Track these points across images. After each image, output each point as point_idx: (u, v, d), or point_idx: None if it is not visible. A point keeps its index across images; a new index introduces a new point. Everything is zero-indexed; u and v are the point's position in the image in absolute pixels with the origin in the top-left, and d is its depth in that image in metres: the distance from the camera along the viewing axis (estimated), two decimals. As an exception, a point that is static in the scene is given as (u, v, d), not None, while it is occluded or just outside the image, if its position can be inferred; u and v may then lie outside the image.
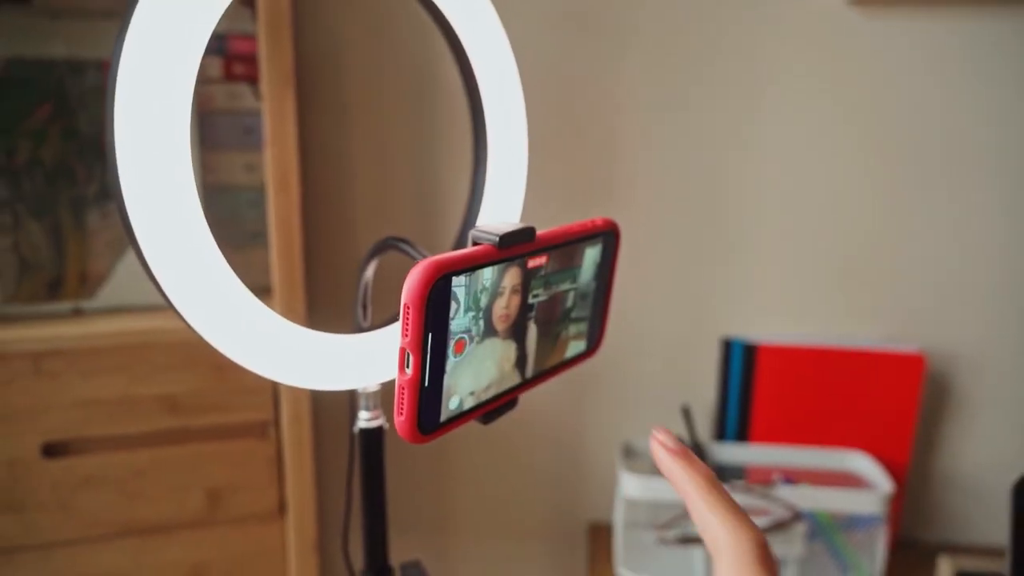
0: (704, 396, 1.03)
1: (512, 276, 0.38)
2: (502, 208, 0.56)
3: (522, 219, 0.57)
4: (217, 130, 0.81)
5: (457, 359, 0.37)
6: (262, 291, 0.82)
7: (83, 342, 0.66)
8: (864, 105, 0.94)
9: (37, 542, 0.68)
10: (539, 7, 0.91)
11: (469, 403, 0.39)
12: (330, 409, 0.90)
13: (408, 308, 0.33)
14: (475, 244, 0.37)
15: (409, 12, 0.89)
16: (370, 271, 0.49)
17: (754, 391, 1.00)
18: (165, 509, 0.71)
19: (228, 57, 0.81)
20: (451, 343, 0.36)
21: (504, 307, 0.39)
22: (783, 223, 0.98)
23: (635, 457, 1.00)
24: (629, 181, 0.97)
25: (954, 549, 0.92)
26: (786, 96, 0.94)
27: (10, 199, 0.72)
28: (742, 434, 1.01)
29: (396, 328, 0.51)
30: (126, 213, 0.37)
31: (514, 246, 0.37)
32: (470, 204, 0.56)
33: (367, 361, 0.49)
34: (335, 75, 0.92)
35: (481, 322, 0.37)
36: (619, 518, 0.93)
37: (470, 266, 0.35)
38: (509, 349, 0.41)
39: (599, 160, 0.97)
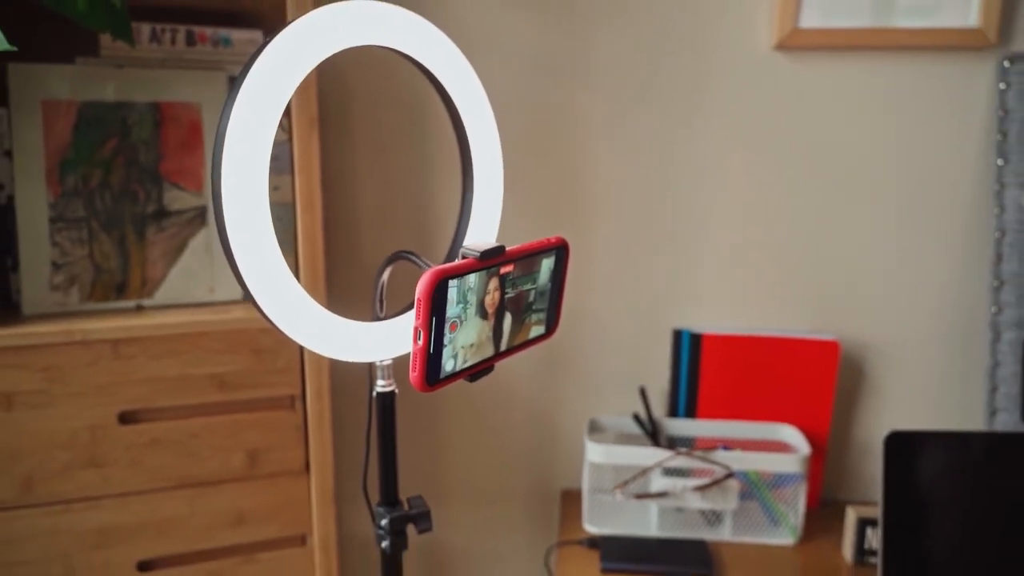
0: (658, 378, 1.20)
1: (493, 279, 0.56)
2: (484, 224, 0.74)
3: (501, 227, 0.74)
4: (249, 157, 0.97)
5: (452, 335, 0.54)
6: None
7: (152, 331, 0.82)
8: (788, 133, 1.12)
9: (114, 492, 0.84)
10: (512, 56, 1.08)
11: (460, 365, 0.56)
12: (345, 387, 1.07)
13: (420, 300, 0.51)
14: (463, 258, 0.54)
15: (405, 68, 1.06)
16: (386, 275, 0.66)
17: (700, 374, 1.17)
18: (214, 466, 0.88)
19: (258, 97, 0.97)
20: (447, 324, 0.53)
21: (491, 298, 0.56)
22: (722, 234, 1.16)
23: (600, 431, 1.18)
24: (590, 200, 1.15)
25: (862, 503, 1.10)
26: (723, 124, 1.12)
27: (85, 216, 0.88)
28: (690, 411, 1.18)
29: (404, 318, 0.68)
30: (224, 227, 0.54)
31: (490, 259, 0.55)
32: (459, 223, 0.73)
33: (383, 342, 0.66)
34: (347, 118, 1.09)
35: (469, 310, 0.55)
36: (586, 481, 1.11)
37: (460, 273, 0.53)
38: (488, 327, 0.58)
39: (565, 183, 1.14)
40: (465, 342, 0.56)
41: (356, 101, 1.09)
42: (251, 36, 0.96)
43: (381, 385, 0.69)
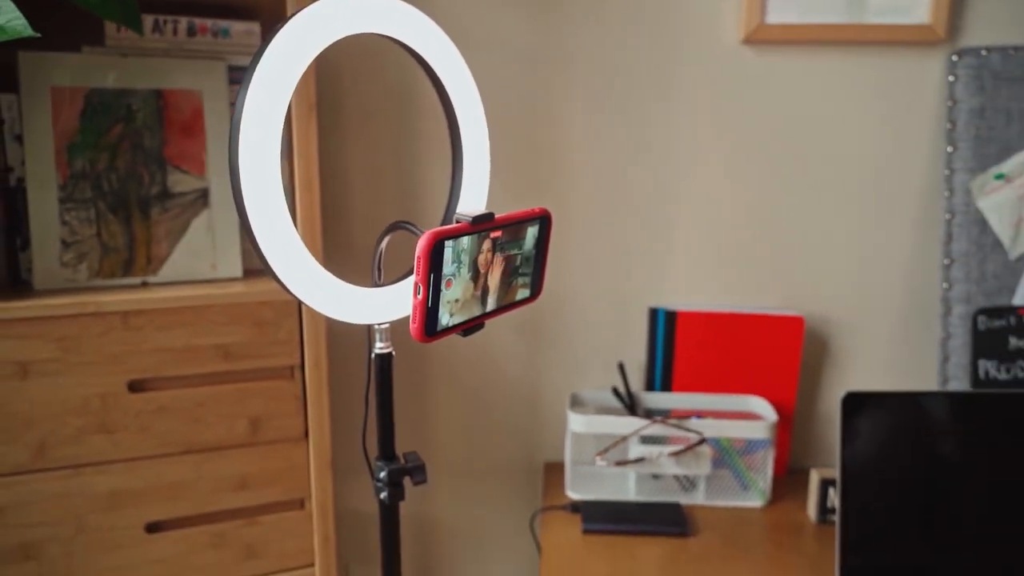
0: (636, 354, 1.27)
1: (486, 241, 0.62)
2: (472, 199, 0.80)
3: (488, 205, 0.80)
4: (247, 143, 1.02)
5: (447, 291, 0.60)
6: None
7: (160, 304, 0.87)
8: (756, 122, 1.19)
9: (124, 456, 0.89)
10: (500, 48, 1.15)
11: (454, 320, 0.62)
12: (340, 358, 1.12)
13: (419, 258, 0.57)
14: (457, 222, 0.60)
15: (391, 59, 1.12)
16: (384, 244, 0.72)
17: (675, 349, 1.24)
18: (218, 433, 0.92)
19: (256, 86, 1.02)
20: (443, 281, 0.59)
21: (484, 258, 0.62)
22: (695, 217, 1.23)
23: (581, 405, 1.24)
24: (569, 186, 1.21)
25: (825, 467, 1.17)
26: (694, 114, 1.19)
27: (93, 198, 0.93)
28: (666, 384, 1.25)
29: (400, 285, 0.74)
30: (243, 204, 0.60)
31: (481, 224, 0.61)
32: (450, 196, 0.79)
33: (381, 306, 0.72)
34: (337, 106, 1.15)
35: (462, 270, 0.61)
36: (568, 450, 1.17)
37: (454, 235, 0.59)
38: (474, 288, 0.64)
39: (545, 170, 1.20)
40: (451, 298, 0.62)
41: (345, 90, 1.15)
42: (249, 28, 1.01)
43: (379, 347, 0.75)
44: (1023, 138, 1.14)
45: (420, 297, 0.58)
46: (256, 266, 1.03)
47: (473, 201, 0.77)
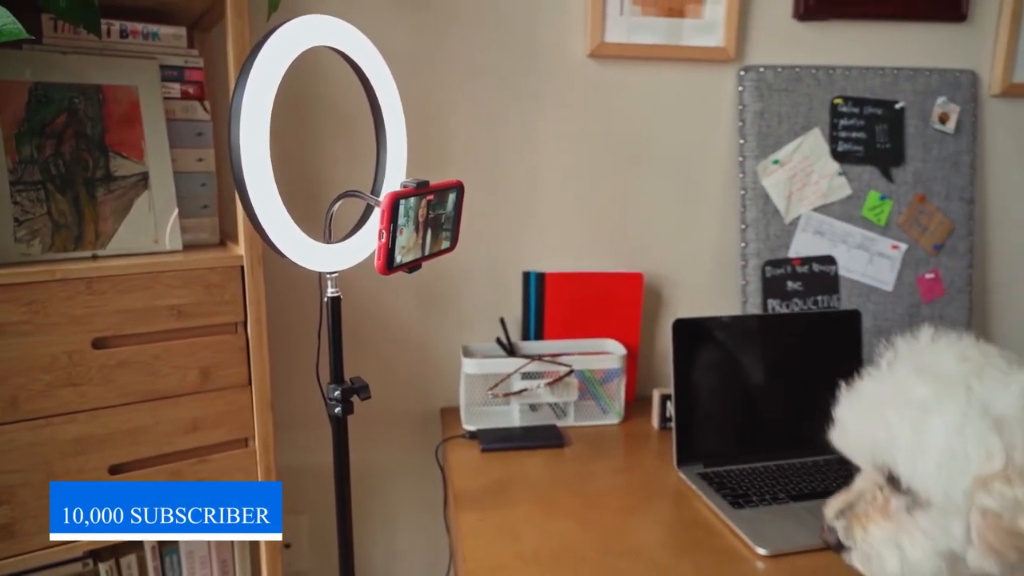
0: (513, 310, 1.53)
1: (423, 201, 0.85)
2: (396, 172, 1.01)
3: (388, 183, 1.01)
4: (177, 133, 1.16)
5: (400, 238, 0.82)
6: (213, 245, 1.19)
7: (120, 271, 1.00)
8: (600, 119, 1.49)
9: (89, 407, 1.00)
10: (395, 56, 1.36)
11: (404, 260, 0.84)
12: (277, 316, 1.28)
13: (384, 211, 0.78)
14: (404, 187, 0.83)
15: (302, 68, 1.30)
16: (335, 208, 0.92)
17: (545, 304, 1.51)
18: (173, 382, 1.06)
19: (184, 83, 1.17)
20: (398, 230, 0.81)
21: (422, 214, 0.85)
22: (557, 197, 1.51)
23: (471, 354, 1.48)
24: (455, 171, 1.45)
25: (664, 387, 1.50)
26: (553, 111, 1.47)
27: (42, 180, 1.03)
28: (539, 333, 1.52)
29: (347, 243, 0.94)
30: (242, 177, 0.78)
31: (422, 189, 0.84)
32: (376, 171, 1.00)
33: (332, 258, 0.92)
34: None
35: (409, 222, 0.83)
36: (463, 390, 1.41)
37: (406, 195, 0.81)
38: (416, 236, 0.86)
39: (430, 158, 1.44)
40: (401, 243, 0.84)
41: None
42: (176, 31, 1.15)
43: (331, 292, 0.95)
44: (790, 134, 1.53)
45: (383, 240, 0.80)
46: (192, 241, 1.17)
47: (396, 175, 0.99)
